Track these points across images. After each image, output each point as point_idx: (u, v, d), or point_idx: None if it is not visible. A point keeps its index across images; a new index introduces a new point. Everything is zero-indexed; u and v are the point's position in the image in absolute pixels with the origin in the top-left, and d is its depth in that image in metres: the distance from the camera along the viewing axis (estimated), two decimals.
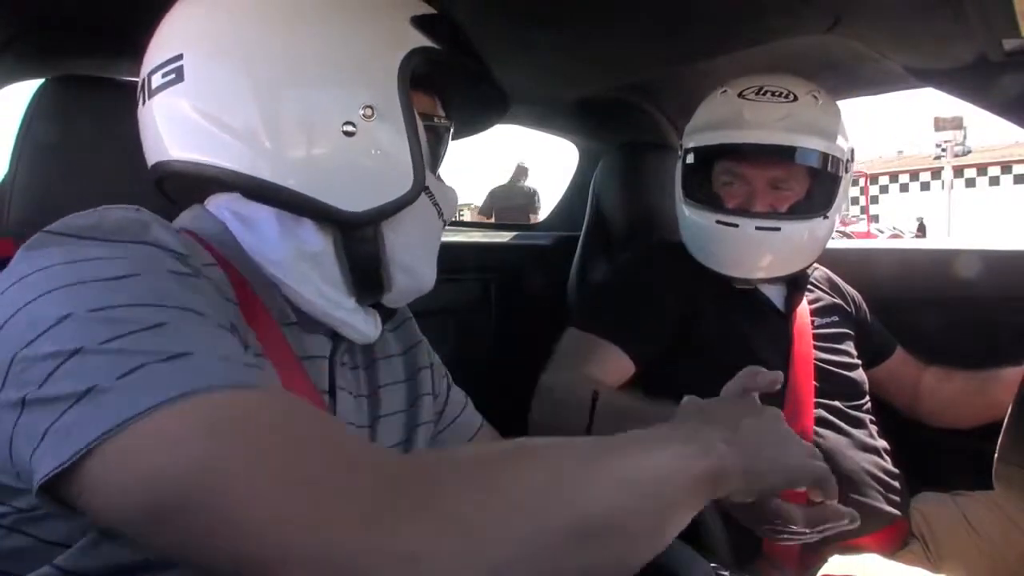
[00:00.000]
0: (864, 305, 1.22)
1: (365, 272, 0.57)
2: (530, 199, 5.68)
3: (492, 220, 5.47)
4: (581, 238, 1.51)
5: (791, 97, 1.01)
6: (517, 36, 1.03)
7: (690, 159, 1.08)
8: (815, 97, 1.02)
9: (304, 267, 0.55)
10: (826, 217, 1.03)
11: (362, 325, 0.59)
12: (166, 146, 0.55)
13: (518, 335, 1.52)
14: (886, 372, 1.15)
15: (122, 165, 0.71)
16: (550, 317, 1.54)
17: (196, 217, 0.57)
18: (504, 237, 1.74)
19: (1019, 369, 0.73)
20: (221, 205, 0.56)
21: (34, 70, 0.93)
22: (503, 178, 5.93)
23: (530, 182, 5.88)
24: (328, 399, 0.57)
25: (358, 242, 0.56)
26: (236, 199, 0.55)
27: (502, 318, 1.52)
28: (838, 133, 1.03)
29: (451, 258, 0.64)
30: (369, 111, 0.52)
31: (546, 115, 1.55)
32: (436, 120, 0.61)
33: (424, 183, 0.55)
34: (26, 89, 0.80)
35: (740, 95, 1.04)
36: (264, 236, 0.54)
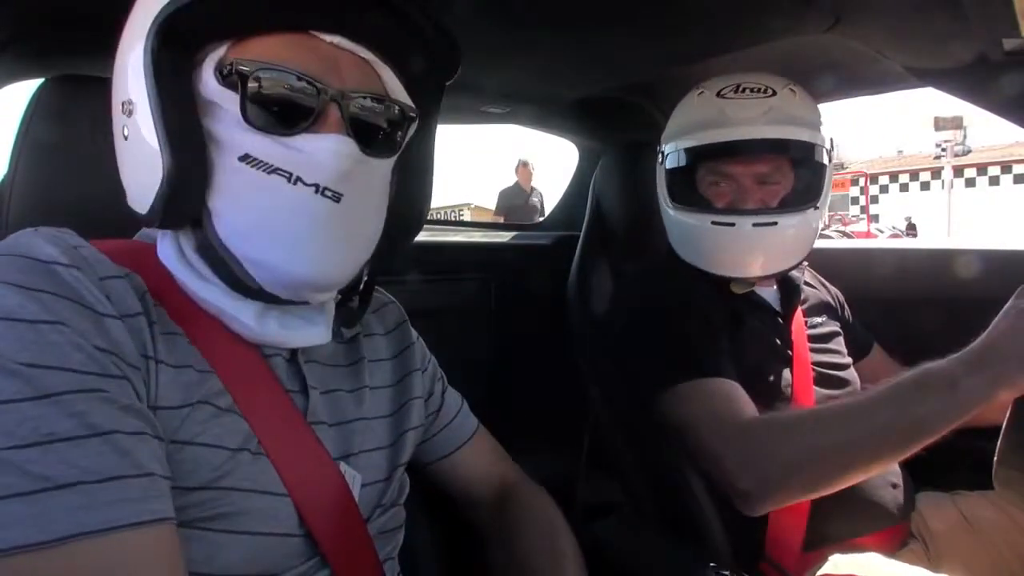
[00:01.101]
0: (845, 302, 1.22)
1: (221, 269, 0.51)
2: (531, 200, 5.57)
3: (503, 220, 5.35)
4: (581, 238, 1.51)
5: (769, 92, 1.01)
6: (517, 36, 1.03)
7: (673, 162, 1.07)
8: (792, 90, 1.03)
9: (186, 271, 0.53)
10: (816, 207, 1.03)
11: (254, 323, 0.52)
12: None
13: (518, 335, 1.53)
14: (863, 370, 1.14)
15: None
16: (550, 317, 1.54)
17: (153, 228, 0.58)
18: (504, 237, 1.74)
19: None
20: None
21: (34, 70, 0.93)
22: (511, 177, 5.80)
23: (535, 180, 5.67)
24: (301, 398, 0.56)
25: (200, 240, 0.52)
26: None
27: (502, 318, 1.53)
28: (818, 122, 1.04)
29: (451, 258, 0.64)
30: (129, 106, 0.50)
31: (546, 115, 1.55)
32: (227, 68, 0.49)
33: (190, 163, 0.48)
34: (26, 89, 0.80)
35: (719, 95, 1.03)
36: (166, 242, 0.54)
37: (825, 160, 1.03)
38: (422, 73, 0.61)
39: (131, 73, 0.50)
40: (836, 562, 0.87)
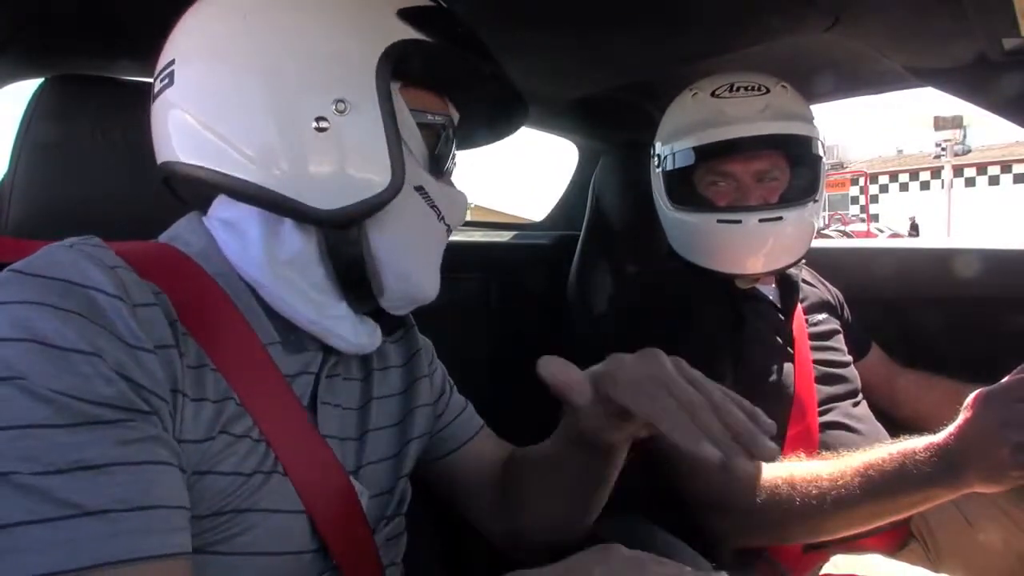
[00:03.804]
0: (845, 303, 1.22)
1: (351, 276, 0.55)
2: None
3: None
4: (581, 238, 1.51)
5: (764, 89, 1.02)
6: (517, 36, 1.03)
7: (673, 163, 1.07)
8: (784, 87, 1.04)
9: (286, 271, 0.54)
10: (816, 201, 1.04)
11: (351, 334, 0.56)
12: (163, 147, 0.55)
13: (518, 335, 1.53)
14: (860, 371, 1.14)
15: (122, 165, 0.71)
16: (550, 317, 1.54)
17: (187, 229, 0.56)
18: (504, 237, 1.74)
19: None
20: (213, 215, 0.56)
21: (34, 69, 0.93)
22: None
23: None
24: (309, 414, 0.55)
25: (342, 244, 0.54)
26: (226, 202, 0.55)
27: (502, 318, 1.53)
28: (811, 116, 1.06)
29: (451, 258, 0.64)
30: (342, 105, 0.50)
31: (546, 115, 1.55)
32: (431, 117, 0.58)
33: (402, 180, 0.52)
34: (26, 89, 0.80)
35: (714, 94, 1.04)
36: (249, 241, 0.54)
37: (821, 153, 1.05)
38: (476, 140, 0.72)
39: (353, 75, 0.51)
40: (837, 562, 0.88)
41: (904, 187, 19.97)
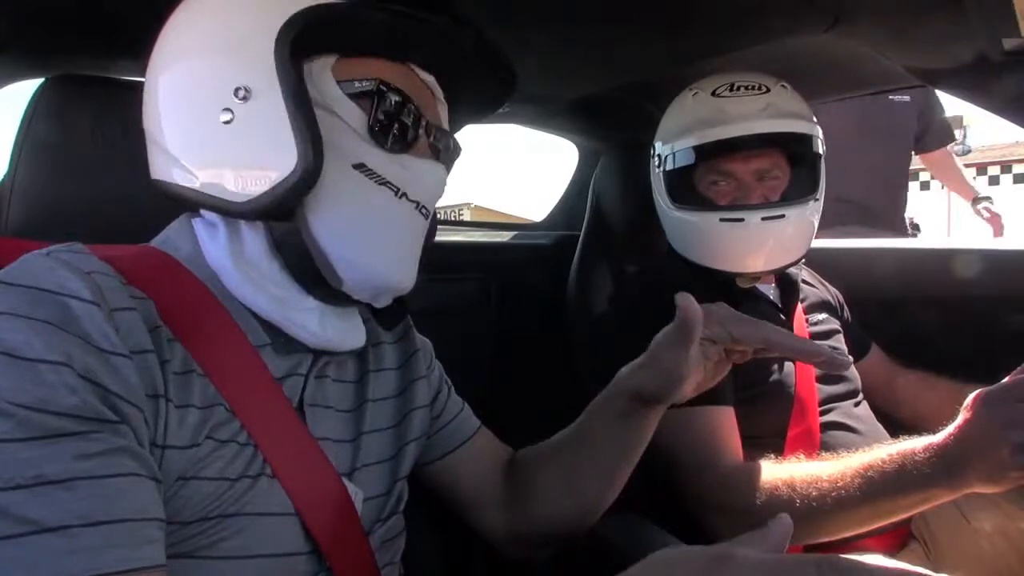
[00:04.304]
0: (845, 304, 1.22)
1: (302, 267, 0.53)
2: None
3: None
4: (581, 238, 1.51)
5: (764, 88, 1.03)
6: (517, 36, 1.03)
7: (673, 163, 1.07)
8: (784, 86, 1.05)
9: (249, 268, 0.53)
10: (816, 199, 1.04)
11: (317, 327, 0.54)
12: (151, 165, 0.57)
13: (518, 335, 1.53)
14: (860, 371, 1.14)
15: (122, 165, 0.71)
16: (550, 317, 1.54)
17: (177, 234, 0.56)
18: (504, 237, 1.74)
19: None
20: (199, 219, 0.56)
21: (34, 69, 0.93)
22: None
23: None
24: (299, 416, 0.55)
25: (285, 235, 0.53)
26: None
27: (502, 318, 1.52)
28: (811, 115, 1.06)
29: (452, 258, 0.64)
30: (243, 92, 0.49)
31: (546, 115, 1.55)
32: (359, 84, 0.53)
33: (313, 161, 0.49)
34: (26, 89, 0.80)
35: (714, 94, 1.04)
36: (219, 242, 0.54)
37: (821, 151, 1.05)
38: (473, 109, 0.68)
39: (250, 58, 0.49)
40: None
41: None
